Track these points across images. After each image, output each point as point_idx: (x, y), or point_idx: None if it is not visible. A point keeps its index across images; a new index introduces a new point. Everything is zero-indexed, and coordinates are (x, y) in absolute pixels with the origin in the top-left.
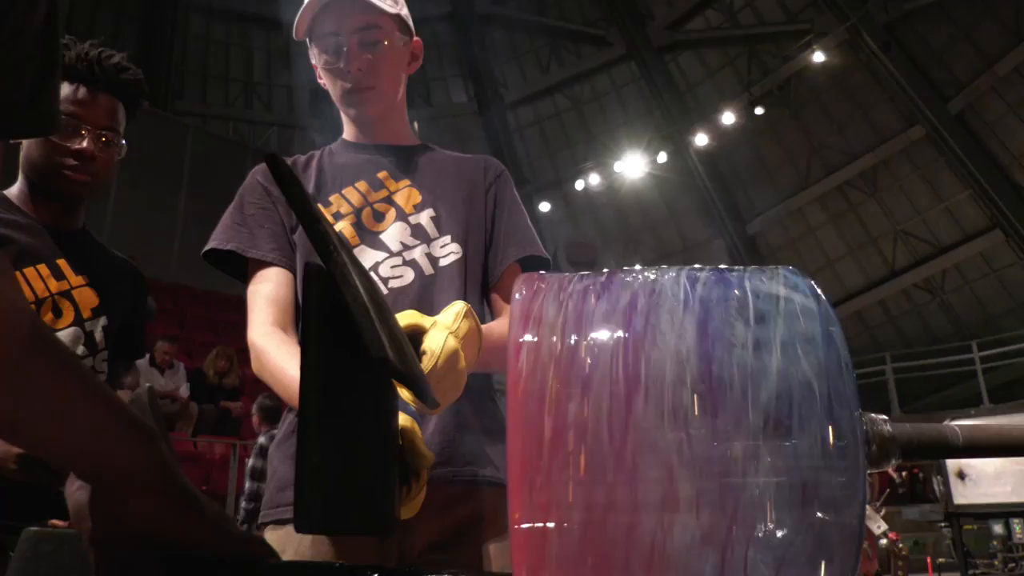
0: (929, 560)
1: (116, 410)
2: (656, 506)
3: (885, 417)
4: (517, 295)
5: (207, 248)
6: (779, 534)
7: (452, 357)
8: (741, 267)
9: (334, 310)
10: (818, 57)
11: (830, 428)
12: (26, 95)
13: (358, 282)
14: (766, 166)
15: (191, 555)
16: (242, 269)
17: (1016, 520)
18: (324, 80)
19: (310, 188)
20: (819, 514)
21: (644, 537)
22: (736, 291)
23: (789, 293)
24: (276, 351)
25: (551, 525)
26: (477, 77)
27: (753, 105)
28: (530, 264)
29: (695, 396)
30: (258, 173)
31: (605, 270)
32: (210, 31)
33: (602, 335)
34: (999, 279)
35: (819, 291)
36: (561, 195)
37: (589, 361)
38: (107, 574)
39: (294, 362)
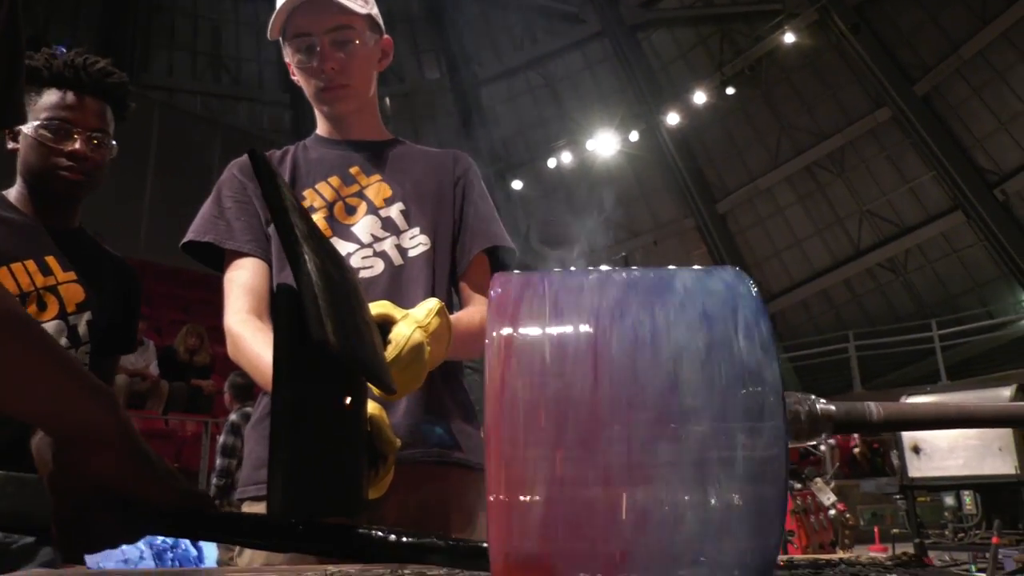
0: (877, 529)
1: (79, 376)
2: (614, 480)
3: (814, 397)
4: (493, 292)
5: (185, 240)
6: (719, 503)
7: (416, 349)
8: (688, 267)
9: (303, 324)
10: (789, 38)
11: (759, 410)
12: None
13: (312, 269)
14: (736, 146)
15: (141, 504)
16: (218, 260)
17: (966, 492)
18: (297, 77)
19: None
20: (752, 483)
21: (604, 509)
22: (683, 291)
23: (729, 292)
24: (252, 338)
25: (524, 498)
26: (450, 53)
27: (724, 85)
28: (496, 254)
29: (646, 385)
30: (235, 167)
31: (571, 269)
32: (176, 0)
33: (568, 329)
34: (959, 259)
35: (755, 291)
36: (534, 173)
37: (557, 353)
38: (63, 516)
39: (269, 349)
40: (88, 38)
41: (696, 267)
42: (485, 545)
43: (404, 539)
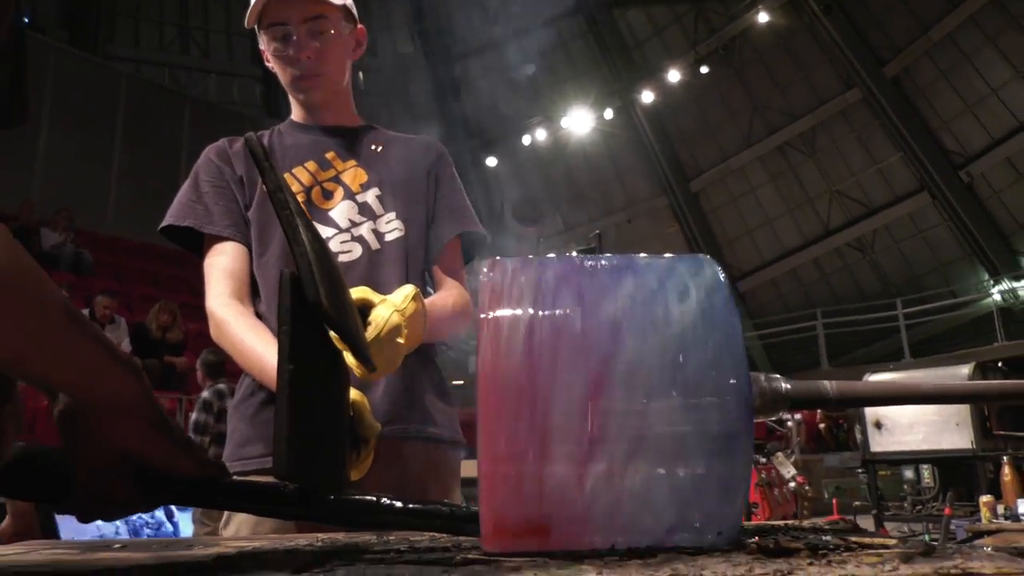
0: (836, 501)
1: (107, 346)
2: (593, 452)
3: (778, 376)
4: (485, 276)
5: (164, 224)
6: (688, 473)
7: (394, 331)
8: (663, 255)
9: (303, 308)
10: (763, 17)
11: (726, 389)
12: (3, 93)
13: (306, 240)
14: (710, 125)
15: (161, 472)
16: (197, 244)
17: (925, 466)
18: (273, 65)
19: None
20: (719, 455)
21: (584, 478)
22: (658, 278)
23: (700, 280)
24: (235, 322)
25: (512, 468)
26: (423, 27)
27: (699, 64)
28: (468, 239)
29: (622, 364)
30: (212, 152)
31: (552, 255)
32: None
33: (553, 312)
34: (925, 239)
35: (724, 278)
36: (508, 150)
37: (542, 333)
38: (85, 484)
39: (251, 334)
40: (50, 4)
41: (670, 255)
42: (475, 509)
43: (410, 506)
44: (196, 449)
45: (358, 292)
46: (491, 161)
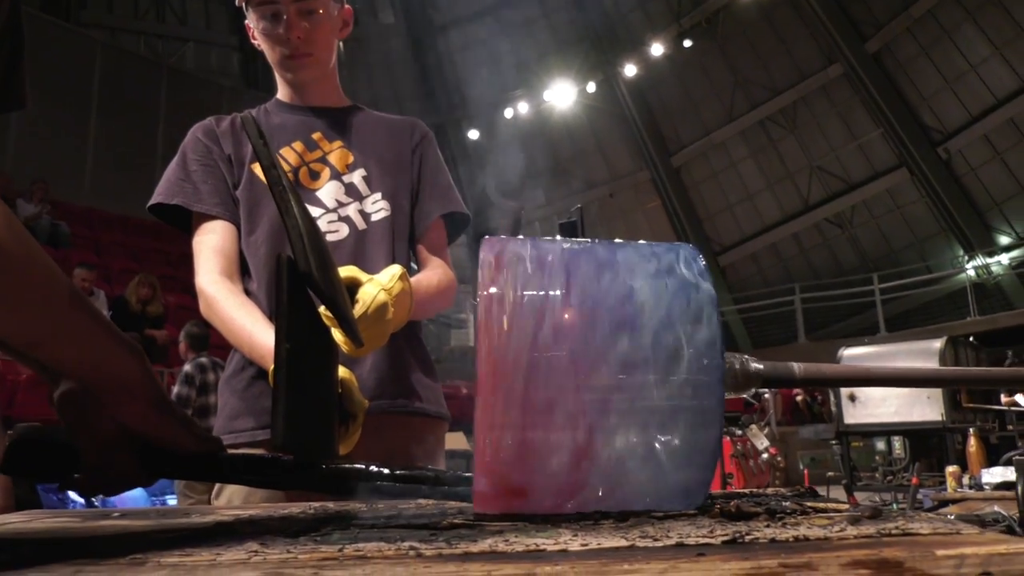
0: (807, 472)
1: (112, 331)
2: (580, 422)
3: (748, 356)
4: (484, 254)
5: (152, 203)
6: (663, 443)
7: (381, 309)
8: (651, 243)
9: (298, 290)
10: None
11: (702, 367)
12: (1, 77)
13: (298, 215)
14: (692, 99)
15: (161, 449)
16: (185, 222)
17: (896, 438)
18: (260, 43)
19: (248, 147)
20: (693, 427)
21: (571, 444)
22: (642, 262)
23: (683, 267)
24: (225, 300)
25: (506, 436)
26: None
27: (682, 37)
28: (452, 219)
29: (611, 343)
30: (199, 130)
31: (550, 238)
32: None
33: (546, 292)
34: (902, 215)
35: (704, 265)
36: (490, 123)
37: (536, 311)
38: (89, 462)
39: (242, 311)
40: None
41: (658, 243)
42: (469, 475)
43: (399, 472)
44: (195, 426)
45: (346, 271)
46: (473, 134)
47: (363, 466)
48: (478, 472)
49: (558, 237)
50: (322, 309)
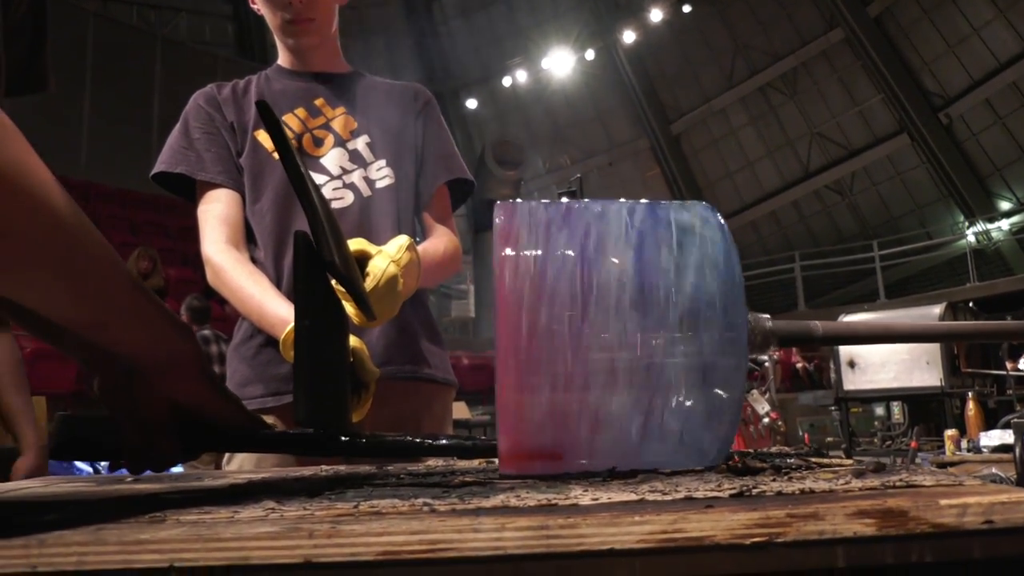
0: (807, 436)
1: (165, 310)
2: (600, 382)
3: (768, 316)
4: (498, 219)
5: (155, 171)
6: (686, 402)
7: (391, 281)
8: (667, 202)
9: (314, 265)
10: None
11: (725, 327)
12: (23, 60)
13: (319, 204)
14: (692, 66)
15: (206, 425)
16: (188, 191)
17: (895, 403)
18: (260, 8)
19: (251, 113)
20: (715, 387)
21: (591, 405)
22: (663, 222)
23: (702, 225)
24: (233, 269)
25: (528, 398)
26: None
27: (681, 3)
28: (456, 186)
29: (631, 303)
30: (201, 98)
31: (564, 200)
32: None
33: (564, 253)
34: (903, 181)
35: (722, 222)
36: (488, 91)
37: (554, 273)
38: (135, 441)
39: (250, 280)
40: None
41: (674, 201)
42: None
43: (433, 442)
44: (241, 404)
45: (355, 244)
46: (471, 103)
47: (404, 437)
48: (501, 434)
49: (576, 200)
50: (334, 283)
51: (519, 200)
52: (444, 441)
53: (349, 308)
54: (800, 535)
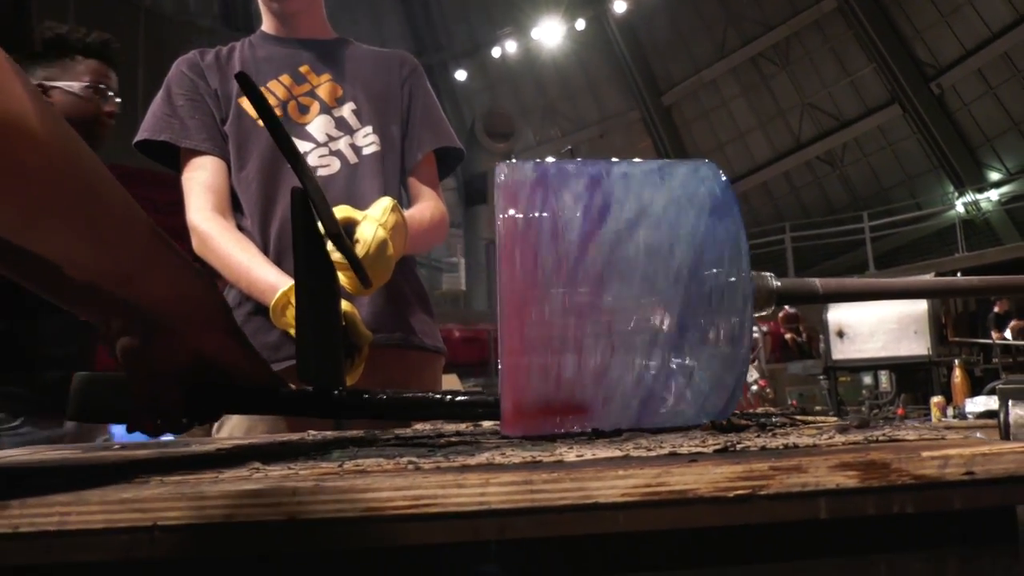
0: (795, 403)
1: (189, 261)
2: (605, 342)
3: (771, 274)
4: (501, 177)
5: (138, 139)
6: (693, 361)
7: (382, 246)
8: (670, 160)
9: (310, 226)
10: None
11: (730, 284)
12: (6, 17)
13: (313, 175)
14: (683, 36)
15: (225, 384)
16: (172, 159)
17: (883, 372)
18: None
19: (234, 81)
20: (721, 345)
21: (594, 363)
22: (667, 180)
23: (706, 182)
24: (220, 236)
25: (531, 359)
26: None
27: None
28: (444, 154)
29: (634, 260)
30: (183, 64)
31: (569, 160)
32: None
33: (568, 213)
34: (894, 152)
35: (727, 181)
36: (478, 62)
37: (559, 233)
38: (152, 402)
39: (237, 248)
40: None
41: (678, 160)
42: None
43: (450, 399)
44: (264, 360)
45: (340, 212)
46: (460, 74)
47: (420, 393)
48: (504, 396)
49: (579, 160)
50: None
51: (520, 160)
52: (465, 398)
53: (341, 276)
54: (783, 487)
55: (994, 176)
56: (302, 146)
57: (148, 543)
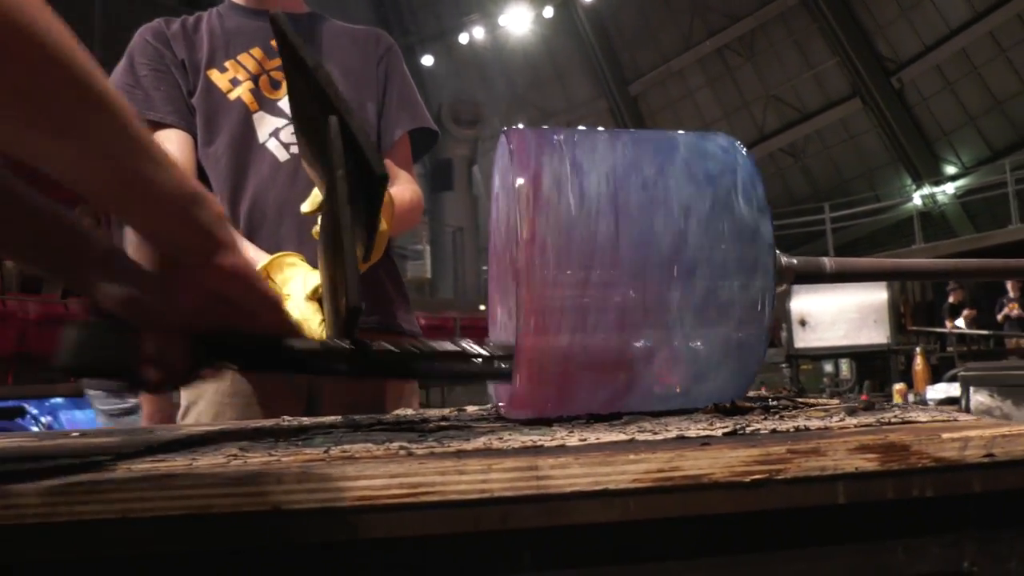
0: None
1: (192, 182)
2: (615, 322)
3: (783, 253)
4: (511, 146)
5: None
6: (717, 335)
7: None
8: (685, 131)
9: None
10: None
11: (754, 259)
12: None
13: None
14: (650, 26)
15: (226, 337)
16: None
17: (844, 360)
18: None
19: (203, 51)
20: (741, 322)
21: (612, 343)
22: (682, 151)
23: (726, 153)
24: None
25: (550, 335)
26: None
27: None
28: (418, 135)
29: (657, 236)
30: (148, 33)
31: (580, 128)
32: None
33: (588, 183)
34: (854, 145)
35: (746, 152)
36: (445, 48)
37: (578, 205)
38: (155, 356)
39: None
40: None
41: (696, 132)
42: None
43: (457, 348)
44: (278, 300)
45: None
46: (427, 60)
47: (421, 346)
48: (522, 371)
49: (600, 128)
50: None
51: (527, 127)
52: (467, 348)
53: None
54: (801, 471)
55: (950, 170)
56: (273, 122)
57: (115, 537)
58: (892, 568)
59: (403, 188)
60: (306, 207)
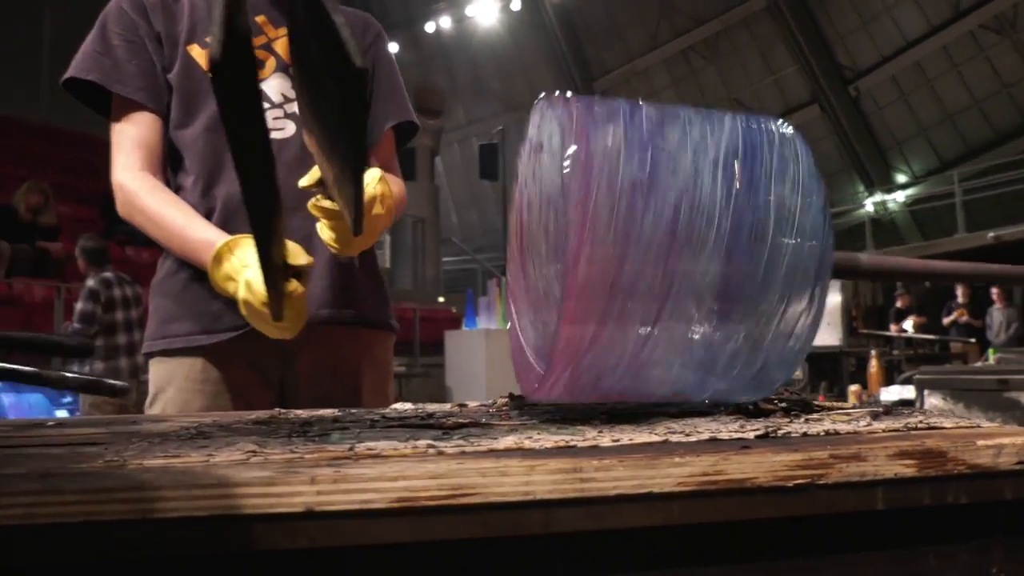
0: None
1: None
2: (660, 309)
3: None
4: (571, 111)
5: (66, 77)
6: (774, 328)
7: (371, 203)
8: (734, 114)
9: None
10: None
11: (809, 251)
12: None
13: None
14: (617, 24)
15: None
16: (105, 103)
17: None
18: None
19: (183, 27)
20: (794, 316)
21: (648, 331)
22: (731, 133)
23: (786, 140)
24: (150, 196)
25: (588, 327)
26: None
27: None
28: (401, 128)
29: (701, 220)
30: (123, 1)
31: (630, 101)
32: None
33: (649, 158)
34: (812, 150)
35: (800, 137)
36: (411, 36)
37: (638, 180)
38: None
39: (171, 207)
40: None
41: (746, 114)
42: None
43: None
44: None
45: (314, 175)
46: (392, 47)
47: None
48: (560, 350)
49: (640, 102)
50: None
51: (568, 95)
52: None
53: (325, 232)
54: (843, 477)
55: (901, 178)
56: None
57: (136, 538)
58: (924, 574)
59: (391, 182)
60: (304, 181)
